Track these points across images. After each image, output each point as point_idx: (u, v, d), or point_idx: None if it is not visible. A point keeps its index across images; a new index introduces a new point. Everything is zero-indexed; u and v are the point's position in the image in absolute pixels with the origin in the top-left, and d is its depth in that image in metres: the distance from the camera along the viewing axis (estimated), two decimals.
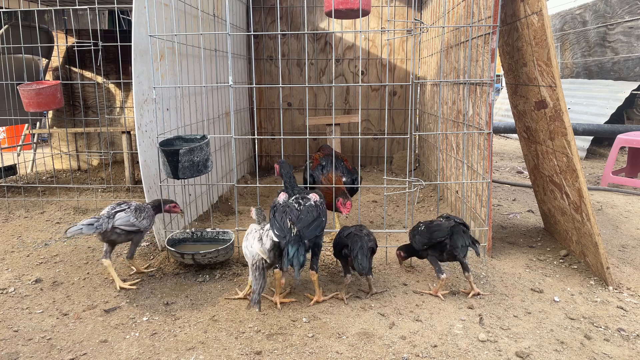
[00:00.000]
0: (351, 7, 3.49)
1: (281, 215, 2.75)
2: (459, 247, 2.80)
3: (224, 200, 5.10)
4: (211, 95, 4.94)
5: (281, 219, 2.73)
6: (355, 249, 2.80)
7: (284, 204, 2.82)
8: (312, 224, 2.74)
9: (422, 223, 3.05)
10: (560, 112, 2.95)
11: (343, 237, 2.94)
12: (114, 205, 3.16)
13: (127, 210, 3.12)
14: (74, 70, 6.64)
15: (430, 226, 2.96)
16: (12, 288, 3.10)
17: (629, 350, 2.39)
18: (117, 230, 3.06)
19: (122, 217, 3.08)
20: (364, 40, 6.82)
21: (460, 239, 2.81)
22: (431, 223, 2.99)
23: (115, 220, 3.06)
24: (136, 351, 2.40)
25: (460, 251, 2.80)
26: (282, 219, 2.73)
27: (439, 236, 2.86)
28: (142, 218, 3.16)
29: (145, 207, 3.22)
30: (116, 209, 3.12)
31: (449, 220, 2.93)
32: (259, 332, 2.57)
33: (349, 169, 3.90)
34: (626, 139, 5.65)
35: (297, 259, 2.59)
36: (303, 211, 2.77)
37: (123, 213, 3.10)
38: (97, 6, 4.62)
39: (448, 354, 2.36)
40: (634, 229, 4.14)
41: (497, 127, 7.88)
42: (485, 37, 3.39)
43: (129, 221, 3.09)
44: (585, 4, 9.26)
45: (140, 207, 3.19)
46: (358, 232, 2.93)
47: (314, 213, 2.78)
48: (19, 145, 6.96)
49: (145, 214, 3.18)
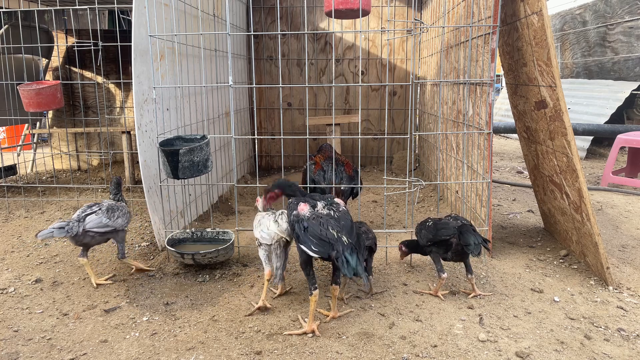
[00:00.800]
0: (351, 7, 3.49)
1: (319, 228, 2.44)
2: (472, 245, 2.75)
3: (224, 200, 5.10)
4: (211, 95, 4.94)
5: (320, 230, 2.43)
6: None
7: (313, 215, 2.53)
8: (352, 230, 2.52)
9: (432, 219, 3.04)
10: (560, 112, 2.95)
11: None
12: (84, 208, 3.14)
13: (98, 212, 3.10)
14: (74, 70, 6.64)
15: (438, 223, 2.95)
16: (12, 288, 3.10)
17: (629, 350, 2.39)
18: (90, 234, 3.04)
19: (93, 219, 3.05)
20: (364, 40, 6.82)
21: (471, 237, 2.77)
22: (440, 220, 2.99)
23: (86, 224, 3.02)
24: (136, 351, 2.40)
25: (474, 249, 2.74)
26: (321, 231, 2.42)
27: (444, 234, 2.85)
28: (116, 217, 3.13)
29: (118, 206, 3.20)
30: (86, 212, 3.10)
31: (456, 221, 2.93)
32: (259, 332, 2.57)
33: (350, 174, 3.87)
34: (626, 139, 5.65)
35: (361, 266, 2.34)
36: (342, 217, 2.55)
37: (94, 215, 3.07)
38: (97, 6, 4.62)
39: (448, 354, 2.36)
40: (634, 229, 4.14)
41: (497, 127, 7.88)
42: (485, 37, 3.39)
43: (102, 222, 3.06)
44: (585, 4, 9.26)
45: (113, 206, 3.17)
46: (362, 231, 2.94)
47: (349, 218, 2.58)
48: (19, 145, 6.96)
49: (119, 212, 3.16)
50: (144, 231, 4.16)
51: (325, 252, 2.38)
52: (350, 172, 3.90)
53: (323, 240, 2.40)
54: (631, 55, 8.24)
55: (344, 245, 2.37)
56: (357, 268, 2.32)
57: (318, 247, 2.40)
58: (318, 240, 2.41)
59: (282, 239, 2.77)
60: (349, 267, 2.32)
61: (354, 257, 2.34)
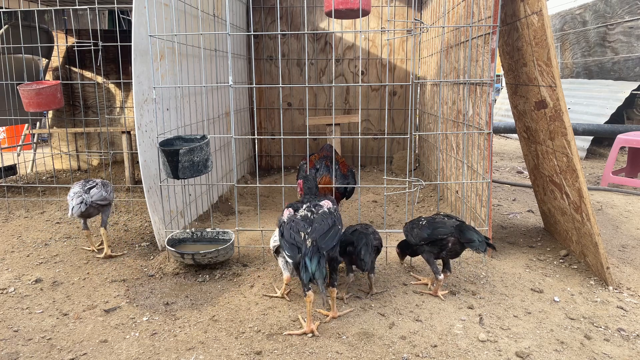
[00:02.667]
0: (351, 7, 3.49)
1: (289, 232, 2.44)
2: (476, 242, 2.71)
3: (224, 200, 5.10)
4: (211, 95, 4.94)
5: (290, 235, 2.41)
6: (360, 245, 2.79)
7: (290, 219, 2.53)
8: (327, 233, 2.45)
9: (424, 218, 3.00)
10: (560, 112, 2.95)
11: (348, 234, 2.92)
12: (82, 183, 3.52)
13: (98, 186, 3.52)
14: (74, 70, 6.64)
15: (433, 222, 2.90)
16: (12, 288, 3.10)
17: (629, 350, 2.39)
18: (94, 205, 3.44)
19: (96, 192, 3.46)
20: (364, 40, 6.82)
21: (474, 234, 2.74)
22: (434, 219, 2.94)
23: (92, 196, 3.43)
24: (136, 351, 2.40)
25: (479, 245, 2.71)
26: (291, 235, 2.41)
27: (442, 233, 2.81)
28: (110, 191, 3.58)
29: (107, 182, 3.64)
30: (87, 186, 3.49)
31: (450, 219, 2.91)
32: (259, 332, 2.57)
33: (344, 173, 3.83)
34: (626, 139, 5.65)
35: (319, 271, 2.27)
36: (317, 219, 2.49)
37: (95, 189, 3.48)
38: (97, 6, 4.62)
39: (448, 354, 2.36)
40: (634, 229, 4.14)
41: (497, 127, 7.88)
42: (485, 37, 3.39)
43: (102, 195, 3.48)
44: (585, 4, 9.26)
45: (105, 182, 3.61)
46: (364, 229, 2.93)
47: (328, 221, 2.50)
48: (19, 145, 6.96)
49: (110, 187, 3.61)
50: (144, 231, 4.16)
51: (295, 256, 2.36)
52: (345, 171, 3.86)
53: (292, 245, 2.39)
54: (631, 55, 8.24)
55: (306, 249, 2.34)
56: (315, 273, 2.26)
57: (289, 251, 2.39)
58: (289, 245, 2.40)
59: None
60: (307, 273, 2.28)
61: (314, 262, 2.29)
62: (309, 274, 2.28)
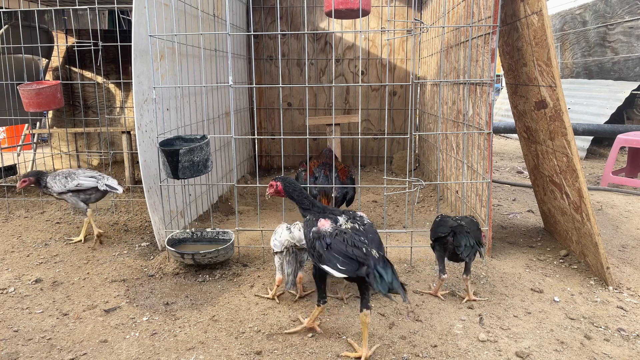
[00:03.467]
0: (351, 7, 3.49)
1: (345, 245, 2.21)
2: (462, 247, 2.71)
3: (224, 200, 5.10)
4: (211, 95, 4.94)
5: (346, 247, 2.20)
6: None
7: (336, 231, 2.30)
8: (381, 244, 2.36)
9: (441, 215, 2.99)
10: (560, 112, 2.95)
11: None
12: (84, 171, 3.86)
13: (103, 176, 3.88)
14: (74, 70, 6.64)
15: (440, 220, 2.90)
16: (12, 288, 3.10)
17: (629, 350, 2.39)
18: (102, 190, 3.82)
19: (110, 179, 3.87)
20: (364, 40, 6.82)
21: (463, 238, 2.72)
22: (446, 216, 2.92)
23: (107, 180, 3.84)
24: (136, 351, 2.40)
25: (464, 250, 2.69)
26: (347, 248, 2.20)
27: (441, 231, 2.81)
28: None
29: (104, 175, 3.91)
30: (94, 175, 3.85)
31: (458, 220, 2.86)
32: (259, 332, 2.57)
33: (343, 181, 3.83)
34: (626, 139, 5.65)
35: (397, 281, 2.10)
36: (368, 231, 2.35)
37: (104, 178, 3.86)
38: (97, 6, 4.62)
39: (448, 354, 2.36)
40: (634, 229, 4.14)
41: (497, 127, 7.88)
42: (485, 37, 3.39)
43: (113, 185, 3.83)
44: (585, 4, 9.27)
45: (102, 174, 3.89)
46: None
47: (375, 231, 2.39)
48: (19, 145, 6.96)
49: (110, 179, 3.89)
50: (144, 231, 4.16)
51: (353, 270, 2.16)
52: (344, 179, 3.86)
53: (350, 258, 2.18)
54: (631, 55, 8.24)
55: (375, 260, 2.14)
56: (393, 283, 2.08)
57: (345, 265, 2.17)
58: (344, 258, 2.18)
59: (293, 246, 2.81)
60: (383, 283, 2.09)
61: (388, 271, 2.11)
62: (385, 285, 2.09)
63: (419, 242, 3.80)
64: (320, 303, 2.50)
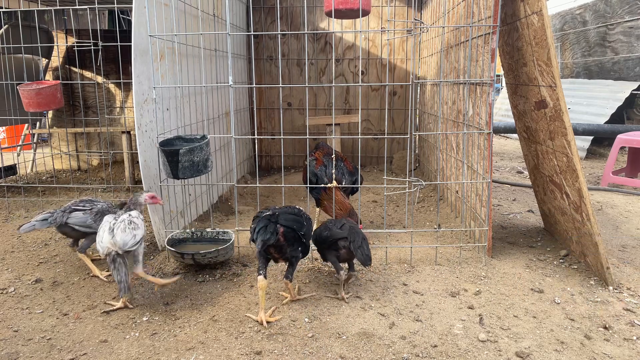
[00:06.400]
0: (351, 7, 3.49)
1: None
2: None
3: (224, 200, 5.10)
4: (211, 95, 4.94)
5: None
6: (358, 240, 2.80)
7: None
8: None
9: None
10: (560, 112, 2.95)
11: (336, 229, 2.91)
12: (76, 202, 3.23)
13: (87, 212, 3.16)
14: (74, 70, 6.64)
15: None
16: (12, 288, 3.10)
17: (629, 350, 2.39)
18: (70, 227, 3.15)
19: (79, 216, 3.14)
20: (364, 40, 6.82)
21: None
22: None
23: (70, 218, 3.13)
24: (136, 351, 2.40)
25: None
26: None
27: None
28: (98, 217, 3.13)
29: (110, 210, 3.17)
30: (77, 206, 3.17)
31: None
32: (259, 332, 2.57)
33: (350, 169, 3.96)
34: (626, 139, 5.65)
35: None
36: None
37: (81, 213, 3.15)
38: (97, 6, 4.62)
39: (448, 354, 2.36)
40: (634, 229, 4.14)
41: (497, 127, 7.88)
42: (485, 37, 3.39)
43: (85, 222, 3.14)
44: (585, 4, 9.27)
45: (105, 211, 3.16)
46: (352, 224, 2.94)
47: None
48: (19, 145, 6.96)
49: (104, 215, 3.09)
50: None
51: None
52: (350, 167, 3.99)
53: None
54: (631, 55, 8.24)
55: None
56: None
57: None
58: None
59: (115, 254, 2.69)
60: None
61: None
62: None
63: (419, 242, 3.81)
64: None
